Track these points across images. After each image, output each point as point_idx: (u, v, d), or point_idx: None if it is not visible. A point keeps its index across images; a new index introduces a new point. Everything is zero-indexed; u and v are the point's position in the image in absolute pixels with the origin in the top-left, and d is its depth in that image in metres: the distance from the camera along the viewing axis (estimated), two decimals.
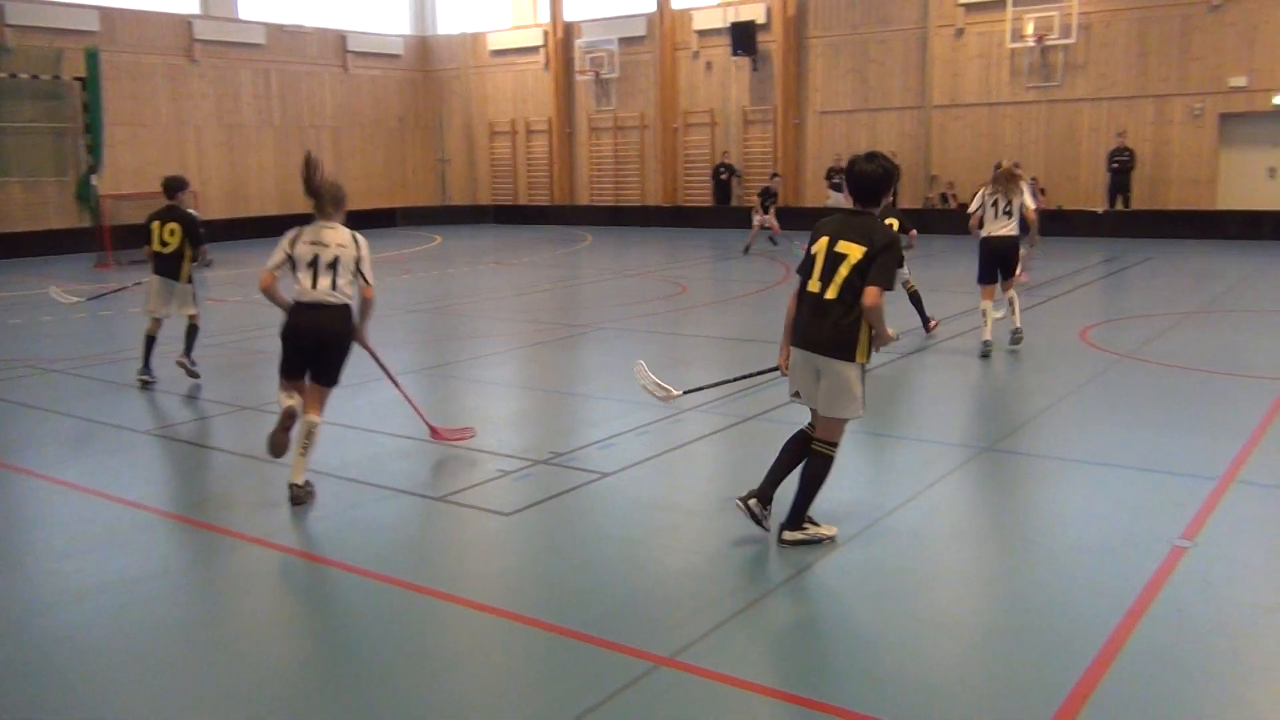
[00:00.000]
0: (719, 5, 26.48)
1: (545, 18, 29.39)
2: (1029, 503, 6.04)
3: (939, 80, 23.87)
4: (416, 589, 4.74)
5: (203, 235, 9.35)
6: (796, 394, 5.14)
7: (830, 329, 4.88)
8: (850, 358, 4.87)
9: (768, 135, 26.40)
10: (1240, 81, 20.59)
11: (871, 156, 5.02)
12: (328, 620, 4.63)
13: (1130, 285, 15.23)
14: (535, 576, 5.00)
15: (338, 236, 5.86)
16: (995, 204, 9.78)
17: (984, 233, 9.83)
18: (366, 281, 5.90)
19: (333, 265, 5.79)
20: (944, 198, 23.90)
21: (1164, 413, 7.69)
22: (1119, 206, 21.48)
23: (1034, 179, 22.05)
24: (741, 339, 11.15)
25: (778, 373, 5.40)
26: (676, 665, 3.94)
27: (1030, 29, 22.26)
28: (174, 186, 9.26)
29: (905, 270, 9.96)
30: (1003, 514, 5.84)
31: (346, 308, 5.89)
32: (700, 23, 26.88)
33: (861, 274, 4.79)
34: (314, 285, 5.78)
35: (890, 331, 4.95)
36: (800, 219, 25.06)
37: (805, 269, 5.03)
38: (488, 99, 30.93)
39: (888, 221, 7.52)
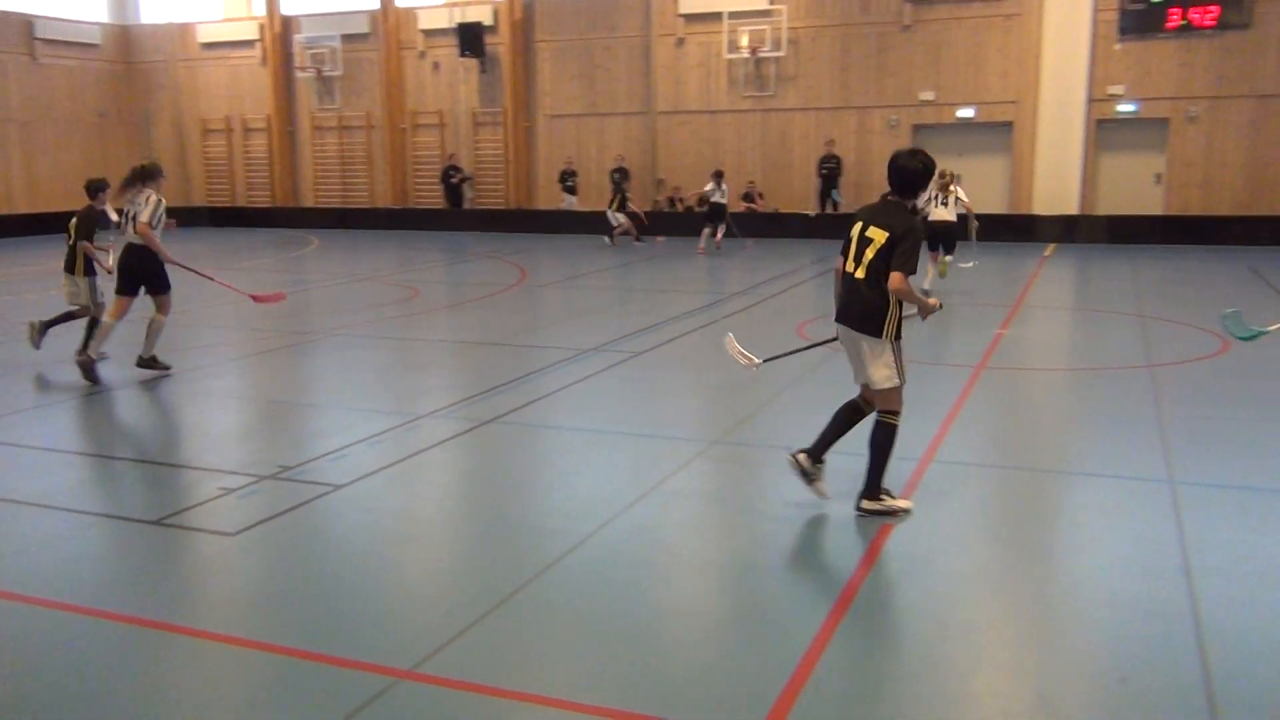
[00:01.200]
0: (445, 5, 26.19)
1: (260, 10, 28.01)
2: (755, 491, 6.35)
3: (663, 87, 24.69)
4: (135, 622, 4.39)
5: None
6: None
7: (860, 306, 5.35)
8: (877, 334, 5.29)
9: (499, 138, 26.38)
10: (929, 96, 22.59)
11: (914, 153, 5.40)
12: (37, 666, 4.18)
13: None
14: (265, 598, 4.75)
15: (139, 196, 9.06)
16: (936, 198, 13.56)
17: (931, 218, 13.41)
18: (144, 222, 8.96)
19: (133, 217, 9.03)
20: (671, 201, 24.74)
21: None
22: (829, 210, 22.99)
23: (751, 183, 23.33)
24: (479, 342, 11.08)
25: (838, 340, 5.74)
26: (418, 678, 3.86)
27: (745, 41, 23.46)
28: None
29: None
30: (732, 503, 6.11)
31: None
32: (426, 22, 26.47)
33: (885, 258, 5.20)
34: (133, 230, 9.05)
35: (932, 300, 5.40)
36: (532, 222, 25.27)
37: (844, 249, 5.52)
38: (200, 94, 29.11)
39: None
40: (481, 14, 25.65)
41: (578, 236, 23.62)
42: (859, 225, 5.44)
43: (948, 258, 14.04)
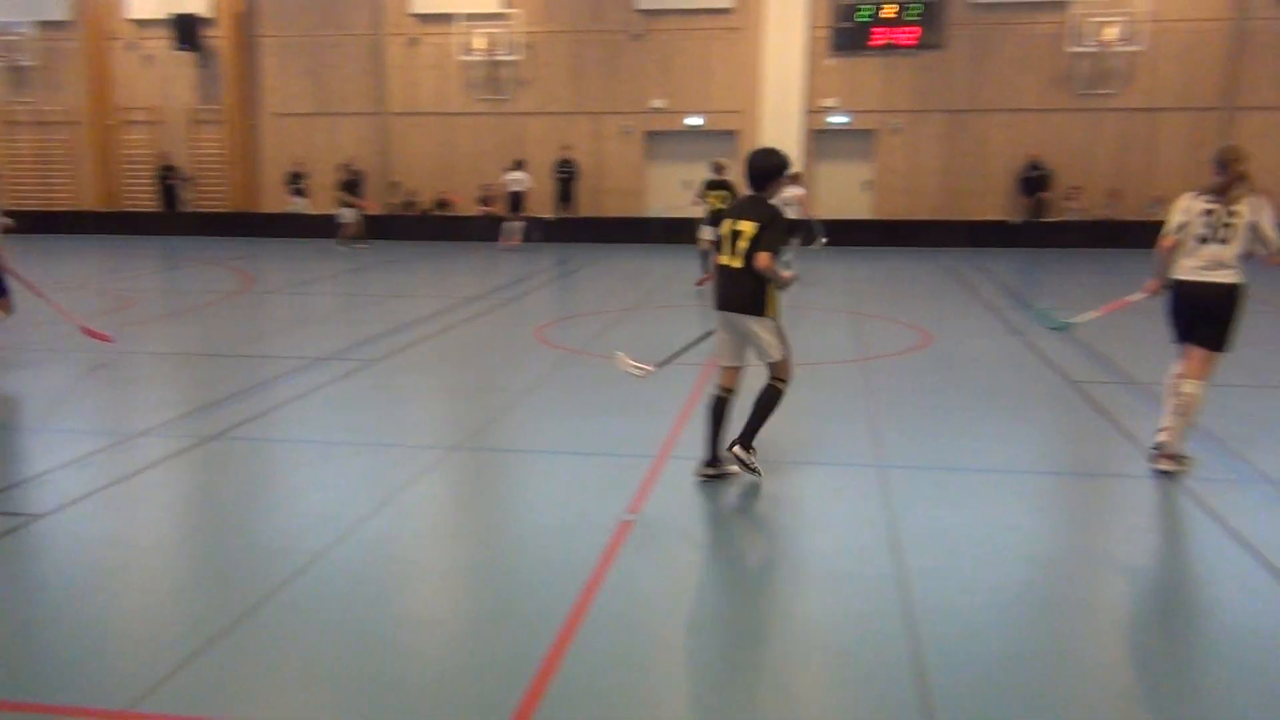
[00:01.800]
0: None
1: None
2: (495, 495, 6.34)
3: (396, 87, 24.19)
4: None
5: None
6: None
7: (740, 291, 5.91)
8: (762, 313, 5.92)
9: (220, 137, 24.94)
10: (660, 103, 23.34)
11: (769, 153, 5.98)
12: None
13: (578, 286, 16.60)
14: None
15: None
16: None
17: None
18: None
19: None
20: (407, 204, 24.26)
21: (610, 400, 8.46)
22: (565, 214, 23.29)
23: (487, 186, 23.26)
24: (200, 354, 10.44)
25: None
26: (133, 717, 3.59)
27: (479, 44, 23.35)
28: None
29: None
30: (472, 508, 6.07)
31: None
32: (135, 11, 24.65)
33: (754, 245, 5.76)
34: None
35: (786, 274, 5.92)
36: (257, 225, 24.06)
37: (717, 247, 6.13)
38: None
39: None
40: (197, 5, 24.16)
41: (308, 241, 22.70)
42: (729, 223, 5.99)
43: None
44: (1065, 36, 21.73)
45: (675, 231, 22.75)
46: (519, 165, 21.15)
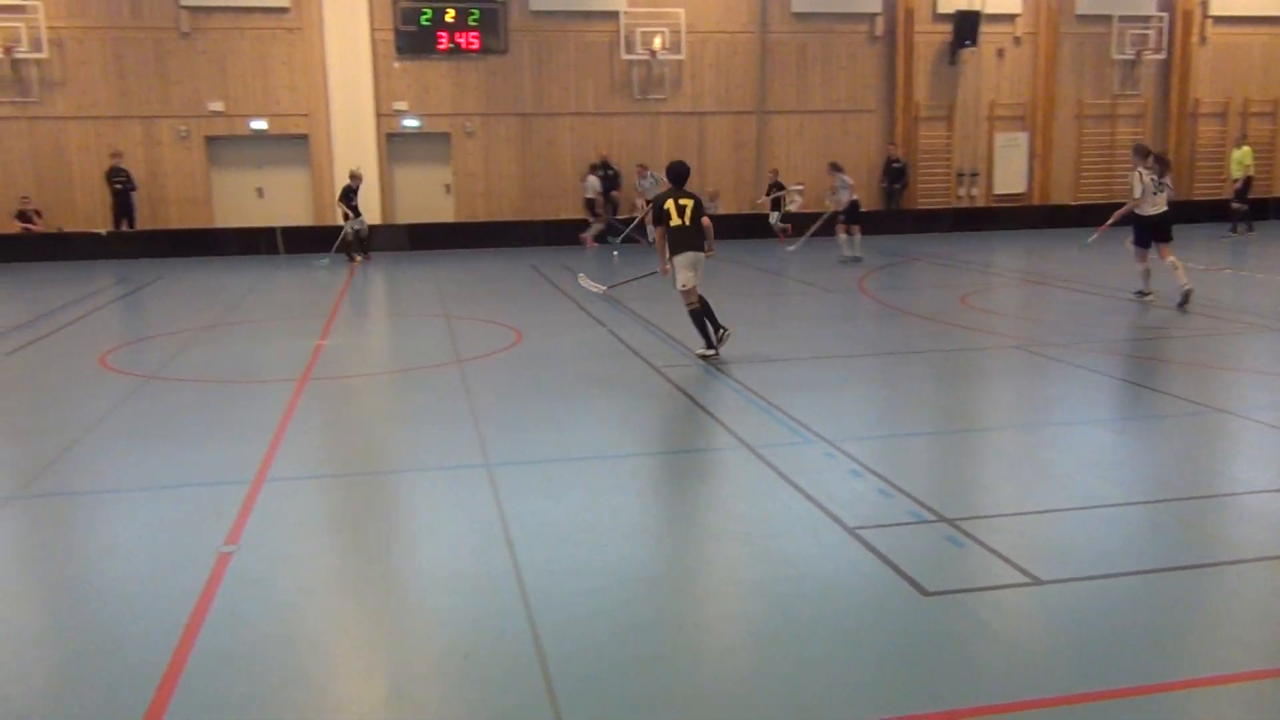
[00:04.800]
0: None
1: None
2: (69, 546, 5.65)
3: None
4: None
5: None
6: (685, 284, 9.65)
7: (699, 238, 9.68)
8: (709, 250, 9.82)
9: None
10: (219, 106, 21.90)
11: (682, 162, 10.03)
12: None
13: (145, 306, 15.22)
14: None
15: None
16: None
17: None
18: None
19: None
20: None
21: (195, 428, 7.87)
22: (126, 228, 21.22)
23: (25, 198, 20.61)
24: None
25: (657, 274, 10.28)
26: None
27: None
28: None
29: None
30: (40, 565, 5.38)
31: None
32: None
33: (698, 212, 9.70)
34: None
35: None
36: None
37: (667, 216, 9.62)
38: None
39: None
40: None
41: None
42: (672, 201, 9.63)
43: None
44: (619, 45, 23.18)
45: (250, 243, 21.60)
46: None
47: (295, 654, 4.21)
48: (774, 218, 22.95)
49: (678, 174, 9.88)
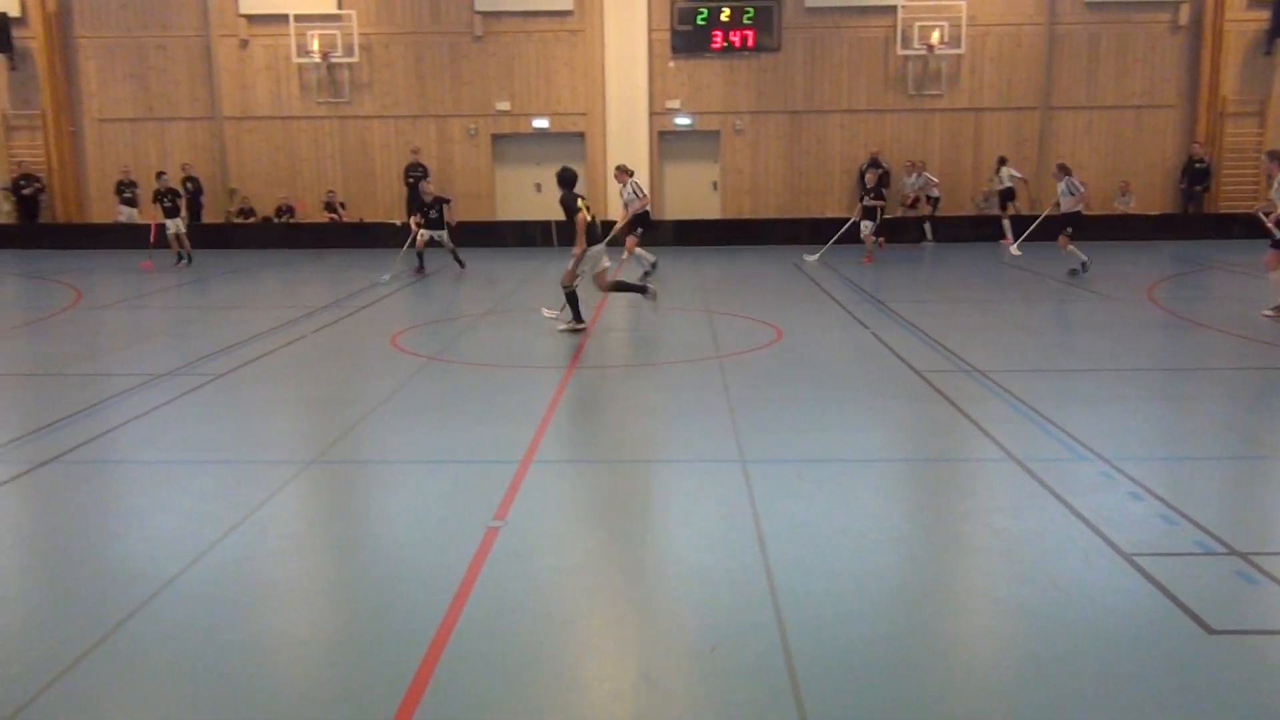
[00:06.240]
0: None
1: None
2: (357, 509, 6.19)
3: (228, 91, 23.29)
4: None
5: None
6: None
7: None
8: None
9: (38, 143, 23.46)
10: (505, 106, 23.18)
11: (566, 168, 11.48)
12: None
13: (432, 292, 16.34)
14: None
15: None
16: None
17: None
18: None
19: None
20: (244, 212, 23.41)
21: (470, 407, 8.39)
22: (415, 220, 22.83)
23: (330, 192, 22.62)
24: (29, 374, 9.83)
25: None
26: None
27: (315, 45, 22.71)
28: None
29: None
30: (333, 523, 5.91)
31: None
32: None
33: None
34: None
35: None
36: (85, 237, 22.77)
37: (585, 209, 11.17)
38: None
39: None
40: (7, 4, 22.70)
41: (140, 252, 21.60)
42: (582, 203, 11.15)
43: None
44: (894, 40, 22.63)
45: (527, 235, 22.70)
46: (130, 201, 20.69)
47: (552, 629, 4.40)
48: (866, 228, 18.83)
49: (572, 179, 11.46)
